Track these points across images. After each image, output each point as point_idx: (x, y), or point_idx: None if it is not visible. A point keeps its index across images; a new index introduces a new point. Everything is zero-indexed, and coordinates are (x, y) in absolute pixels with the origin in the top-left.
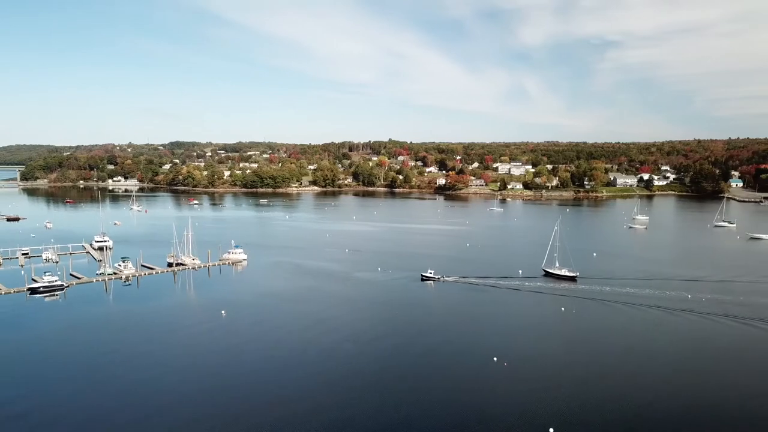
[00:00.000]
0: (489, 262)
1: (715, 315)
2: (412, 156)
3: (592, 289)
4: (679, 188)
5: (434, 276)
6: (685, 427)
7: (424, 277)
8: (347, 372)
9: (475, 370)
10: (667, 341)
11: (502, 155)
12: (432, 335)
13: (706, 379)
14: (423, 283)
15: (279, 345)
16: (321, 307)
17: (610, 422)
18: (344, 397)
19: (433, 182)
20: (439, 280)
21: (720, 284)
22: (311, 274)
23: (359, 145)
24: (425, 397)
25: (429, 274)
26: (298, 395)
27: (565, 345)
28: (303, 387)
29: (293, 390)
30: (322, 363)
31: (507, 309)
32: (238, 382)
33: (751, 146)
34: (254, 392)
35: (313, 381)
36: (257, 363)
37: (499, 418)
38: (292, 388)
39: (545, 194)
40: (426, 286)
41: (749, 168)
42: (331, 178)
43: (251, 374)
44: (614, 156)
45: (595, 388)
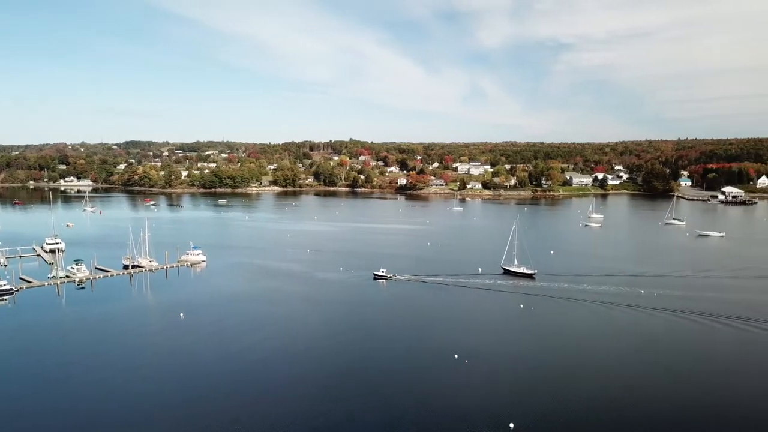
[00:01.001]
0: (450, 261)
1: (666, 310)
2: (373, 156)
3: (550, 286)
4: (632, 187)
5: (386, 275)
6: (643, 419)
7: (376, 276)
8: (307, 372)
9: (437, 368)
10: (623, 336)
11: (462, 155)
12: (393, 334)
13: (661, 372)
14: (376, 282)
15: (239, 347)
16: (281, 308)
17: (570, 417)
18: (304, 397)
19: (394, 182)
20: (391, 278)
21: (671, 279)
22: (272, 275)
23: (320, 144)
24: (386, 396)
25: (381, 272)
26: (258, 396)
27: (524, 341)
28: (262, 388)
29: (252, 391)
30: (281, 364)
31: (467, 306)
32: (198, 384)
33: (699, 147)
34: (213, 394)
35: (273, 382)
36: (217, 365)
37: (460, 415)
38: (251, 390)
39: (504, 194)
40: (379, 285)
41: (697, 168)
42: (292, 177)
43: (211, 376)
44: (570, 156)
45: (554, 383)
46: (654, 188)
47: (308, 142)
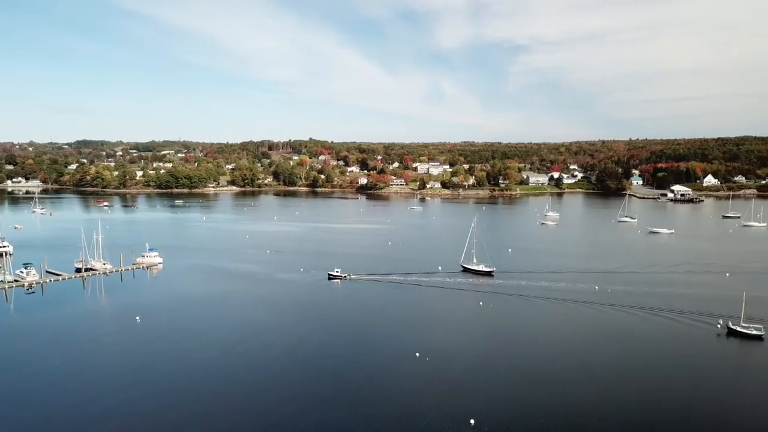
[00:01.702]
0: (410, 259)
1: (619, 306)
2: (333, 155)
3: (508, 283)
4: (586, 186)
5: (341, 274)
6: (601, 412)
7: (331, 276)
8: (266, 375)
9: (398, 367)
10: (579, 332)
11: (421, 155)
12: (354, 334)
13: (617, 367)
14: (331, 282)
15: (197, 350)
16: (241, 310)
17: (529, 412)
18: (265, 399)
19: (354, 182)
20: (346, 278)
21: (623, 275)
22: (231, 277)
23: (279, 144)
24: (347, 395)
25: (336, 272)
26: (216, 398)
27: (484, 338)
28: (222, 391)
29: (212, 395)
30: (241, 367)
31: (428, 305)
32: (155, 388)
33: (650, 146)
34: (172, 398)
35: (233, 385)
36: (175, 368)
37: (421, 412)
38: (210, 393)
39: (462, 193)
40: (334, 285)
41: (648, 167)
42: (251, 177)
43: (169, 380)
44: (527, 155)
45: (514, 379)
46: (607, 187)
47: (267, 141)
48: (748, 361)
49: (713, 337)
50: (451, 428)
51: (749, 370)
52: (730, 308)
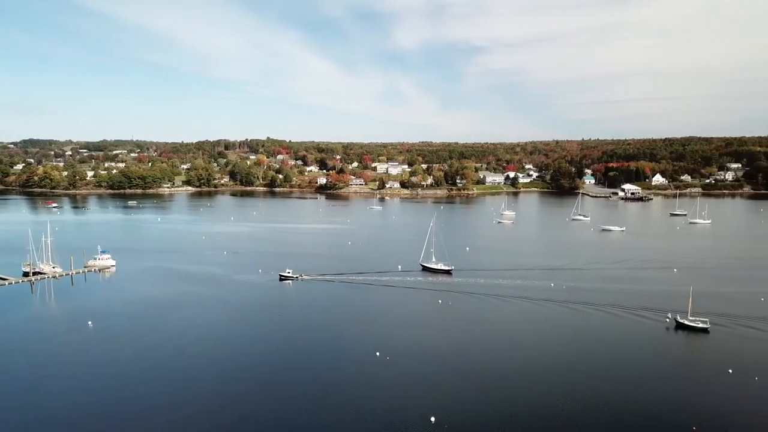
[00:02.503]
0: (370, 259)
1: (575, 302)
2: (291, 155)
3: (466, 281)
4: (541, 185)
5: (292, 275)
6: (558, 407)
7: (282, 277)
8: (225, 377)
9: (359, 366)
10: (536, 329)
11: (380, 155)
12: (314, 335)
13: (573, 362)
14: (282, 283)
15: (153, 354)
16: (197, 312)
17: (488, 409)
18: (224, 402)
19: (313, 181)
20: (297, 279)
21: (578, 272)
22: (187, 279)
23: (236, 143)
24: (308, 397)
25: (287, 273)
26: (173, 404)
27: (443, 336)
28: (179, 395)
29: (168, 399)
30: (198, 370)
31: (388, 304)
32: (109, 394)
33: (601, 146)
34: (127, 404)
35: (190, 389)
36: (129, 374)
37: (382, 411)
38: (166, 397)
39: (421, 192)
40: (285, 286)
41: (600, 166)
42: (207, 177)
43: (123, 385)
44: (483, 155)
45: (473, 376)
46: (561, 186)
47: (223, 140)
48: (695, 353)
49: (663, 331)
50: (411, 426)
51: (696, 362)
52: (678, 303)
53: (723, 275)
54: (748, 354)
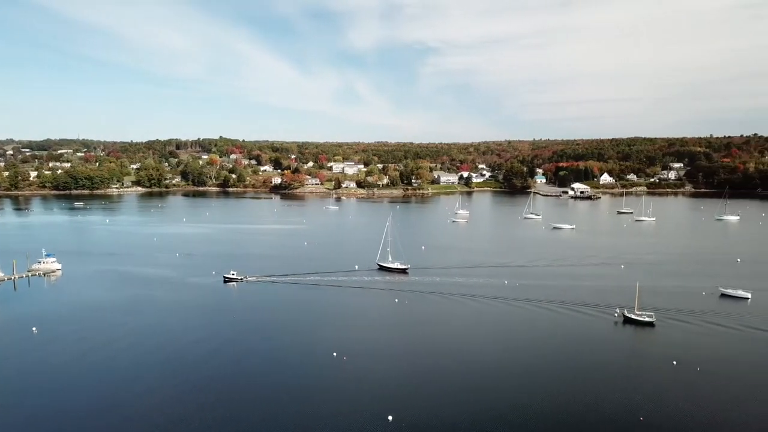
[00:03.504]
0: (327, 259)
1: (527, 300)
2: (245, 154)
3: (422, 280)
4: (494, 185)
5: (237, 277)
6: (514, 403)
7: (226, 279)
8: (179, 382)
9: (316, 367)
10: (491, 327)
11: (336, 155)
12: (269, 337)
13: (528, 358)
14: (227, 285)
15: (101, 360)
16: (149, 316)
17: (445, 407)
18: (178, 408)
19: (268, 181)
20: (242, 280)
21: (530, 269)
22: (138, 282)
23: (188, 142)
24: (265, 400)
25: (232, 275)
26: (124, 411)
27: (400, 335)
28: (130, 402)
29: (118, 406)
30: (150, 376)
31: (344, 304)
32: (56, 402)
33: (552, 147)
34: (74, 413)
35: (142, 395)
36: (76, 381)
37: (340, 411)
38: (116, 405)
39: (377, 192)
40: (230, 288)
41: (550, 166)
42: (157, 177)
43: (70, 394)
44: (438, 155)
45: (430, 375)
46: (513, 185)
47: (175, 140)
48: (642, 346)
49: (611, 325)
50: (369, 425)
51: (642, 355)
52: (626, 298)
53: (667, 270)
54: (691, 346)
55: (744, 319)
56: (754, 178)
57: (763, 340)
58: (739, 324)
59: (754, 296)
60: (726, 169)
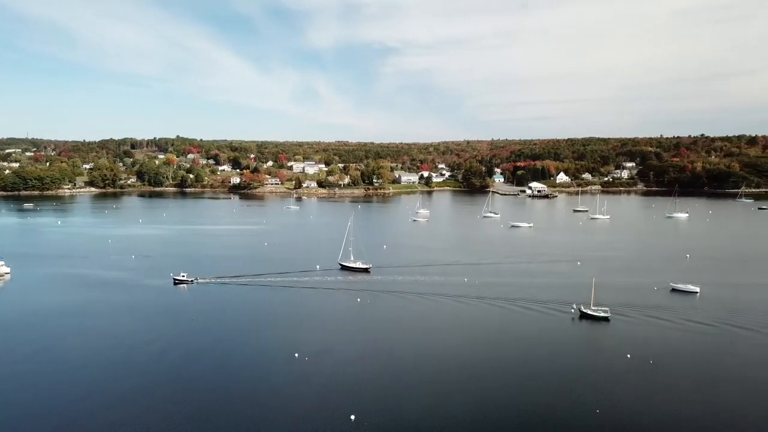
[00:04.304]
0: (288, 259)
1: (487, 298)
2: (203, 154)
3: (384, 279)
4: (454, 184)
5: (187, 279)
6: (475, 401)
7: (176, 281)
8: (135, 386)
9: (277, 368)
10: (452, 325)
11: (296, 154)
12: (229, 339)
13: (488, 355)
14: (177, 287)
15: (53, 366)
16: (103, 320)
17: (408, 405)
18: (134, 414)
19: (227, 181)
20: (192, 282)
21: (489, 267)
22: (92, 285)
23: (143, 142)
24: (226, 402)
25: (182, 277)
26: (87, 415)
27: (363, 335)
28: (84, 408)
29: (71, 413)
30: (105, 381)
31: (306, 304)
32: (9, 412)
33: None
34: (32, 418)
35: (96, 401)
36: (25, 389)
37: (302, 411)
38: (69, 412)
39: (338, 192)
40: (181, 290)
41: (508, 166)
42: (111, 178)
43: (20, 401)
44: (398, 155)
45: (392, 374)
46: (473, 185)
47: (129, 139)
48: (597, 341)
49: (568, 321)
50: (331, 425)
51: (598, 349)
52: (582, 294)
53: (621, 267)
54: (643, 340)
55: (693, 313)
56: (702, 177)
57: (712, 332)
58: (689, 317)
59: (702, 290)
60: (675, 168)
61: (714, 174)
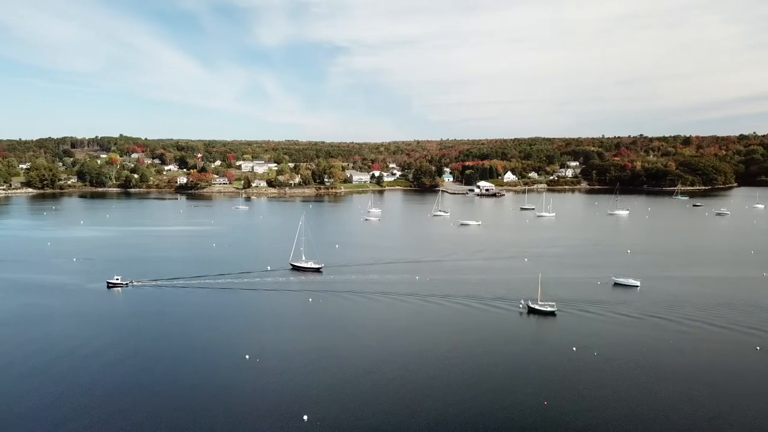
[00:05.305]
0: (237, 260)
1: (439, 294)
2: (148, 153)
3: (336, 278)
4: (405, 183)
5: (121, 282)
6: (428, 398)
7: (110, 284)
8: (80, 393)
9: (228, 371)
10: (404, 324)
11: (245, 153)
12: (176, 343)
13: (441, 352)
14: (111, 291)
15: None
16: (44, 327)
17: (360, 405)
18: (83, 422)
19: (173, 181)
20: (127, 285)
21: (440, 264)
22: (30, 290)
23: (84, 141)
24: (175, 406)
25: (116, 280)
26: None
27: (314, 335)
28: (27, 418)
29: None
30: (49, 390)
31: (257, 305)
32: None
33: (458, 146)
34: None
35: (39, 411)
36: None
37: (254, 413)
38: (12, 424)
39: (289, 191)
40: (122, 293)
41: (457, 165)
42: (50, 178)
43: None
44: (349, 155)
45: (344, 373)
46: (423, 184)
47: (69, 138)
48: (544, 335)
49: (517, 316)
50: (284, 426)
51: (545, 343)
52: (530, 289)
53: (567, 262)
54: (588, 332)
55: (634, 306)
56: (641, 175)
57: (652, 324)
58: (631, 310)
59: (643, 284)
60: (616, 167)
61: (652, 173)
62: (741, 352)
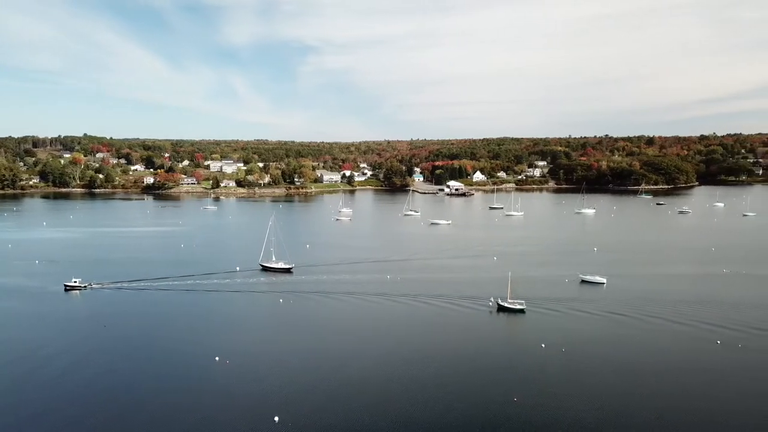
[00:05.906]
0: (206, 261)
1: (410, 294)
2: (113, 153)
3: (307, 279)
4: (376, 183)
5: (80, 285)
6: (399, 398)
7: (68, 287)
8: (48, 397)
9: (197, 373)
10: (376, 323)
11: (213, 153)
12: (145, 345)
13: (413, 352)
14: (69, 293)
15: None
16: (5, 331)
17: (332, 405)
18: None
19: (139, 181)
20: (86, 288)
21: (411, 263)
22: None
23: (46, 140)
24: (144, 410)
25: (74, 282)
26: None
27: (285, 336)
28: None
29: None
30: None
31: (226, 307)
32: None
33: (428, 146)
34: None
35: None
36: None
37: (224, 414)
38: None
39: (258, 191)
40: (80, 296)
41: (427, 165)
42: (11, 178)
43: None
44: (320, 154)
45: (315, 374)
46: (393, 183)
47: (31, 137)
48: (514, 332)
49: (486, 314)
50: (255, 427)
51: (515, 340)
52: (499, 287)
53: (535, 261)
54: (556, 329)
55: (601, 303)
56: (607, 175)
57: (618, 320)
58: (597, 307)
59: (609, 281)
60: (583, 166)
61: (617, 172)
62: (703, 346)
